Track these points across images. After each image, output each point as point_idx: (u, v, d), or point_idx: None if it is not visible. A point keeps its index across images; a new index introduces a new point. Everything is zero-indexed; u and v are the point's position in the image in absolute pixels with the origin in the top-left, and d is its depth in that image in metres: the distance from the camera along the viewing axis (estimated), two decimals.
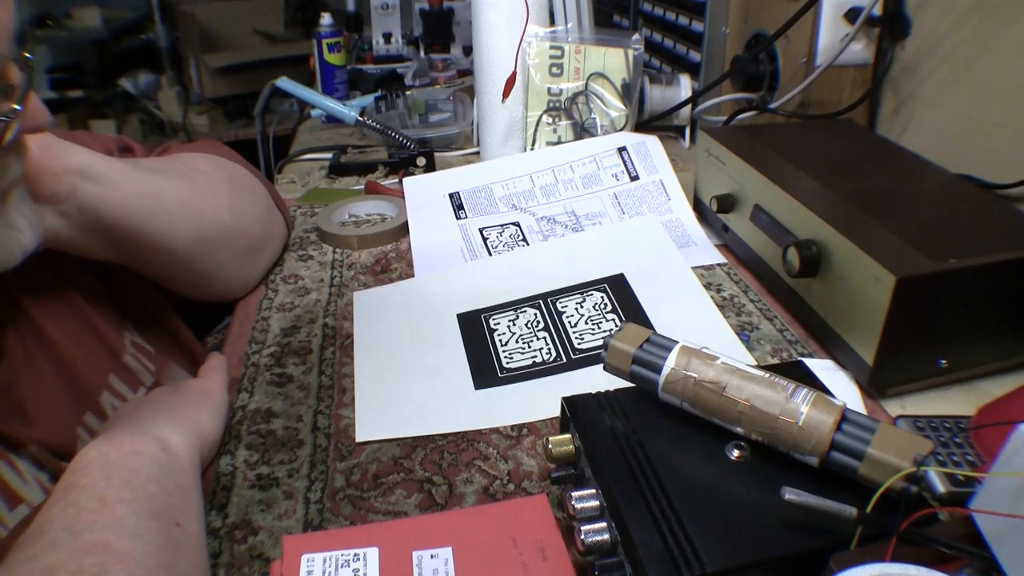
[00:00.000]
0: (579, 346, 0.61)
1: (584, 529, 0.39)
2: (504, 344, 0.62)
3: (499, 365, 0.60)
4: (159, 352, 0.64)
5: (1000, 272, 0.53)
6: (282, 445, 0.53)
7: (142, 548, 0.37)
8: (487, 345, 0.62)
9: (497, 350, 0.62)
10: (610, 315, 0.63)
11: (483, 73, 0.95)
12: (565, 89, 0.95)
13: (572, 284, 0.68)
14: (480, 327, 0.64)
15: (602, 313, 0.64)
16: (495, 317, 0.65)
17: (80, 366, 0.55)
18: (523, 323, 0.64)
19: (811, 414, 0.39)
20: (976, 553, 0.34)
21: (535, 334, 0.63)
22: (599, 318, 0.63)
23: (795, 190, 0.64)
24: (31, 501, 0.48)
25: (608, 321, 0.63)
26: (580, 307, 0.65)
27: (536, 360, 0.60)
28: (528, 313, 0.65)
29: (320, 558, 0.39)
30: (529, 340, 0.62)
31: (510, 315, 0.66)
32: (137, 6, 2.93)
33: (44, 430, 0.51)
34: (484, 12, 0.91)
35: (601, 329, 0.62)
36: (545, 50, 0.93)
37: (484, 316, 0.66)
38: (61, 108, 2.71)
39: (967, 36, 0.78)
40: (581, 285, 0.68)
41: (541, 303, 0.67)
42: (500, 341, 0.62)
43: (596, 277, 0.69)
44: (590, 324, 0.63)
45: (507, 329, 0.64)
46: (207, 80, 2.70)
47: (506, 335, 0.63)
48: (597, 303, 0.65)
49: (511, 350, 0.61)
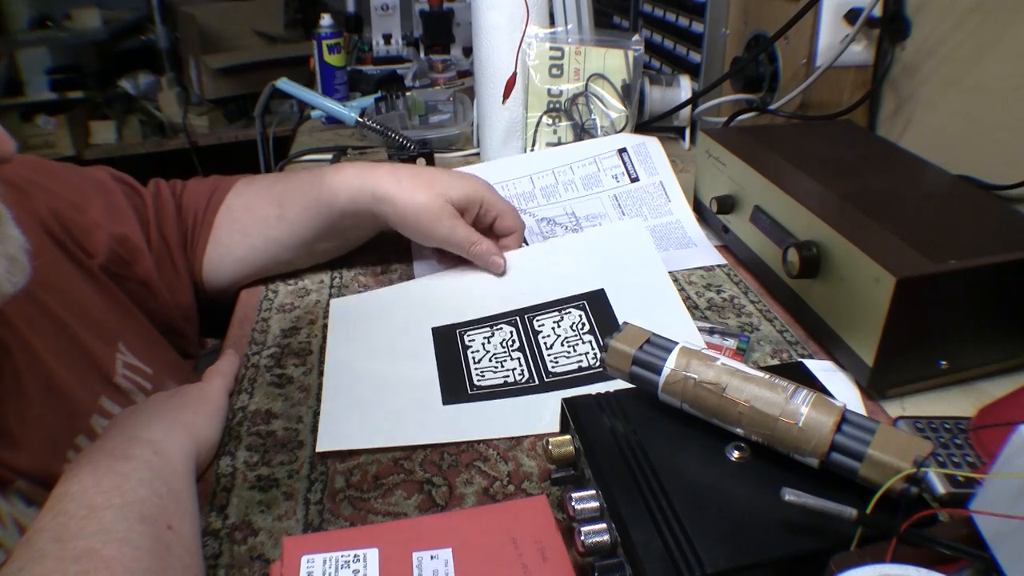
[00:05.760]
0: (552, 369, 0.60)
1: (584, 530, 0.39)
2: (477, 362, 0.61)
3: (470, 382, 0.59)
4: (157, 371, 0.63)
5: (1000, 273, 0.53)
6: (282, 446, 0.53)
7: (130, 553, 0.37)
8: (460, 361, 0.61)
9: (469, 367, 0.61)
10: (587, 336, 0.62)
11: (483, 74, 0.95)
12: (565, 90, 0.95)
13: (551, 299, 0.67)
14: (454, 343, 0.63)
15: (579, 334, 0.63)
16: (470, 333, 0.64)
17: (70, 388, 0.54)
18: (498, 341, 0.63)
19: (811, 415, 0.39)
20: (976, 554, 0.34)
21: (509, 353, 0.62)
22: (576, 339, 0.62)
23: (795, 191, 0.64)
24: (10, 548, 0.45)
25: (584, 343, 0.62)
26: (557, 327, 0.64)
27: (508, 380, 0.59)
28: (504, 331, 0.64)
29: (320, 559, 0.39)
30: (503, 359, 0.61)
31: (486, 332, 0.64)
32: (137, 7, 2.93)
33: (32, 454, 0.49)
34: (484, 13, 0.92)
35: (576, 352, 0.61)
36: (545, 51, 0.93)
37: (459, 331, 0.65)
38: (61, 109, 2.71)
39: (967, 37, 0.78)
40: (560, 301, 0.67)
41: (518, 320, 0.65)
42: (473, 359, 0.61)
43: (575, 292, 0.67)
44: (565, 346, 0.62)
45: (481, 347, 0.63)
46: (207, 81, 2.70)
47: (480, 352, 0.62)
48: (575, 322, 0.64)
49: (483, 368, 0.60)
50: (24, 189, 0.60)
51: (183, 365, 0.70)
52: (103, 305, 0.62)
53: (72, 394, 0.54)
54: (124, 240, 0.65)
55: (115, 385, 0.58)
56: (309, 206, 0.69)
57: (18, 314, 0.53)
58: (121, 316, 0.64)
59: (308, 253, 0.73)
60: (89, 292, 0.61)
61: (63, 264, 0.60)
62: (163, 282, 0.68)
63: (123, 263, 0.65)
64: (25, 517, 0.47)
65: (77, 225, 0.63)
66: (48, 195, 0.62)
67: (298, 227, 0.70)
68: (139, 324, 0.66)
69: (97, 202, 0.65)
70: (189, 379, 0.61)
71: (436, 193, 0.67)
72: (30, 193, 0.61)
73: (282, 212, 0.70)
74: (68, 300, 0.58)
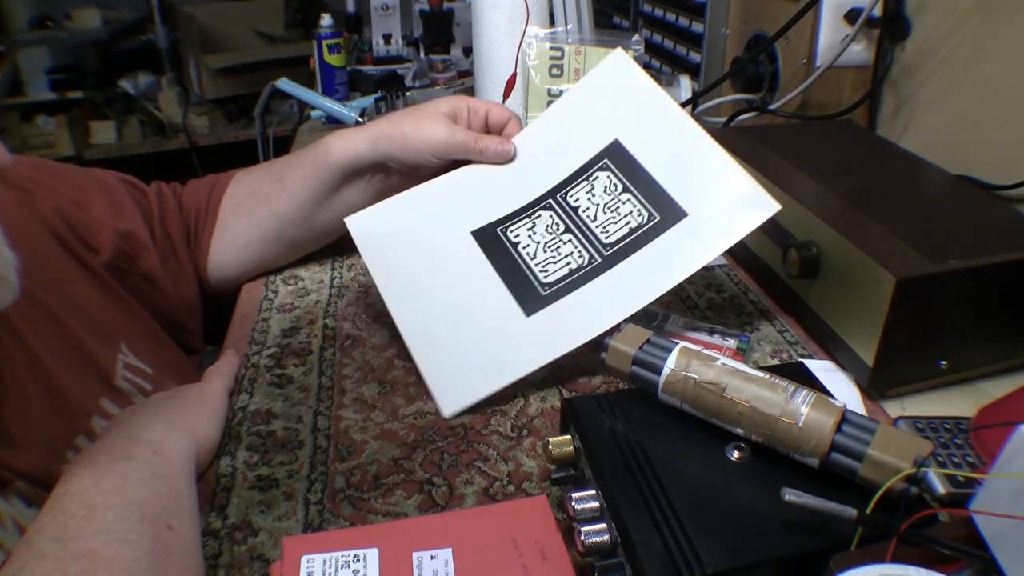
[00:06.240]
0: (607, 240, 0.57)
1: (584, 530, 0.39)
2: (533, 257, 0.58)
3: (538, 282, 0.56)
4: (158, 372, 0.63)
5: (1000, 273, 0.53)
6: (282, 446, 0.53)
7: (130, 553, 0.37)
8: (517, 263, 0.58)
9: (529, 266, 0.57)
10: (624, 196, 0.59)
11: (483, 74, 0.95)
12: (565, 90, 0.95)
13: (572, 170, 0.64)
14: (501, 243, 0.60)
15: (615, 196, 0.59)
16: (512, 228, 0.61)
17: (70, 389, 0.54)
18: (543, 228, 0.60)
19: (811, 415, 0.39)
20: (976, 554, 0.34)
21: (559, 238, 0.58)
22: (615, 203, 0.59)
23: (795, 191, 0.64)
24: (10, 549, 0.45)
25: (624, 203, 0.58)
26: (591, 195, 0.60)
27: (572, 267, 0.56)
28: (544, 217, 0.61)
29: (320, 559, 0.39)
30: (556, 246, 0.58)
31: (526, 223, 0.61)
32: (137, 7, 2.92)
33: (31, 455, 0.49)
34: (484, 13, 0.92)
35: (621, 215, 0.58)
36: (545, 51, 0.93)
37: (501, 230, 0.61)
38: (61, 109, 2.71)
39: (967, 37, 0.78)
40: (582, 169, 0.63)
41: (552, 202, 0.62)
42: (528, 254, 0.58)
43: (592, 154, 0.63)
44: (609, 212, 0.58)
45: (529, 239, 0.59)
46: (207, 81, 2.70)
47: (531, 246, 0.59)
48: (607, 185, 0.60)
49: (542, 261, 0.57)
50: (28, 190, 0.61)
51: (185, 363, 0.70)
52: (106, 305, 0.62)
53: (72, 395, 0.54)
54: (128, 236, 0.66)
55: (115, 386, 0.58)
56: (308, 172, 0.70)
57: (19, 315, 0.53)
58: (124, 315, 0.64)
59: (311, 227, 0.73)
60: (92, 293, 0.61)
61: (67, 264, 0.61)
62: (167, 276, 0.69)
63: (127, 258, 0.66)
64: (24, 518, 0.47)
65: (81, 222, 0.63)
66: (52, 194, 0.62)
67: (297, 195, 0.70)
68: (142, 322, 0.66)
69: (100, 199, 0.65)
70: (191, 378, 0.61)
71: (424, 113, 0.69)
72: (34, 194, 0.61)
73: (283, 184, 0.71)
74: (70, 301, 0.58)
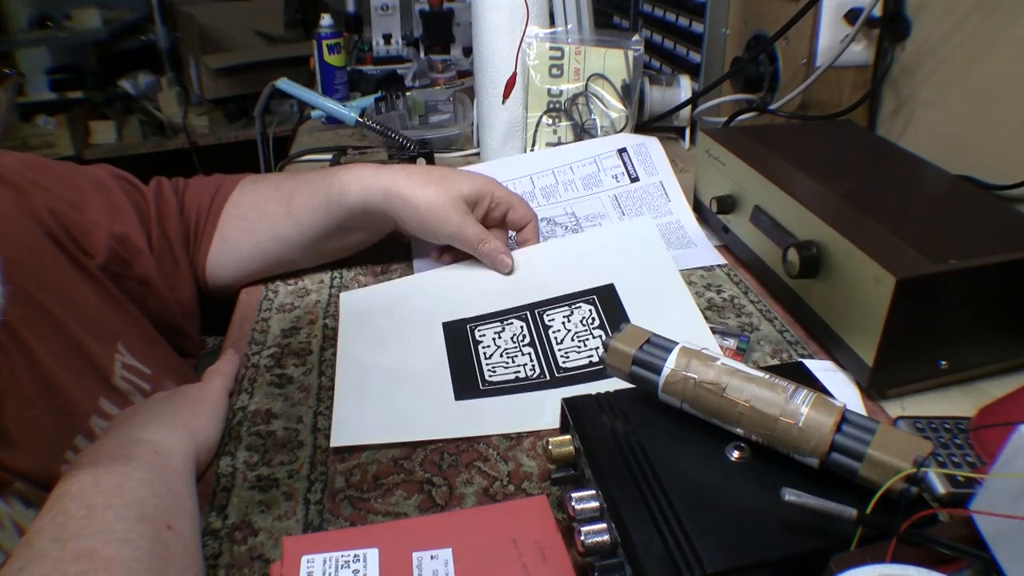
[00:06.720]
0: (563, 364, 0.60)
1: (584, 530, 0.39)
2: (488, 357, 0.61)
3: (481, 378, 0.59)
4: (155, 372, 0.63)
5: (1000, 273, 0.53)
6: (282, 446, 0.53)
7: (130, 553, 0.37)
8: (471, 357, 0.61)
9: (480, 363, 0.61)
10: (597, 331, 0.63)
11: (483, 74, 0.95)
12: (565, 90, 0.95)
13: (561, 294, 0.67)
14: (465, 338, 0.64)
15: (589, 329, 0.63)
16: (481, 328, 0.64)
17: (68, 389, 0.54)
18: (509, 336, 0.63)
19: (811, 415, 0.39)
20: (976, 554, 0.34)
21: (520, 349, 0.62)
22: (586, 334, 0.62)
23: (795, 191, 0.64)
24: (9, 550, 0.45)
25: (595, 338, 0.62)
26: (567, 321, 0.64)
27: (519, 375, 0.59)
28: (515, 326, 0.64)
29: (320, 559, 0.39)
30: (514, 355, 0.61)
31: (496, 327, 0.64)
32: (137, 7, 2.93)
33: (30, 455, 0.49)
34: (484, 13, 0.92)
35: (587, 347, 0.61)
36: (545, 51, 0.93)
37: (470, 327, 0.65)
38: (61, 109, 2.71)
39: (967, 37, 0.78)
40: (570, 296, 0.67)
41: (528, 315, 0.65)
42: (484, 354, 0.62)
43: (585, 287, 0.67)
44: (576, 341, 0.62)
45: (492, 342, 0.63)
46: (207, 81, 2.70)
47: (491, 348, 0.62)
48: (584, 316, 0.64)
49: (494, 363, 0.61)
50: (23, 189, 0.60)
51: (183, 365, 0.70)
52: (102, 306, 0.62)
53: (71, 395, 0.54)
54: (123, 239, 0.65)
55: (114, 386, 0.58)
56: (319, 204, 0.69)
57: (17, 315, 0.52)
58: (120, 316, 0.64)
59: (314, 253, 0.73)
60: (88, 293, 0.61)
61: (62, 265, 0.60)
62: (164, 280, 0.68)
63: (122, 262, 0.65)
64: (23, 518, 0.47)
65: (76, 225, 0.62)
66: (47, 194, 0.62)
67: (306, 225, 0.70)
68: (139, 324, 0.66)
69: (96, 201, 0.65)
70: (188, 379, 0.61)
71: (446, 189, 0.67)
72: (29, 193, 0.60)
73: (290, 210, 0.70)
74: (67, 301, 0.58)
